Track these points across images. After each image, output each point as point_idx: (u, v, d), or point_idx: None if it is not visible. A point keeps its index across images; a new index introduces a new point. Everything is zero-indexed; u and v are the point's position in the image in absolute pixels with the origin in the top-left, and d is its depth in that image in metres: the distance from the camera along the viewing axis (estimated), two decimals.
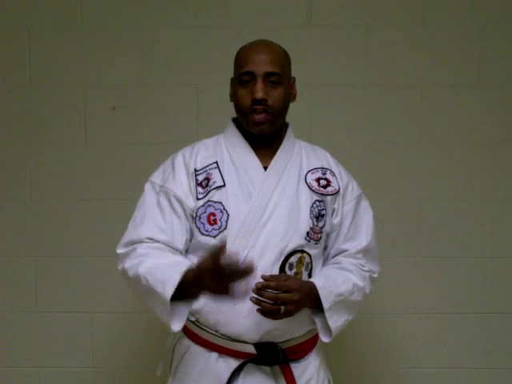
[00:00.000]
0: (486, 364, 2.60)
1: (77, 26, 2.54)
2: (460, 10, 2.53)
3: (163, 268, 1.62)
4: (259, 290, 1.57)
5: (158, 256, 1.67)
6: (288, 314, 1.61)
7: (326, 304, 1.67)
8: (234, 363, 1.70)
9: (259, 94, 1.68)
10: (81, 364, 2.61)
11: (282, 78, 1.72)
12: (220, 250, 1.47)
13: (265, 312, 1.60)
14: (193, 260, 1.70)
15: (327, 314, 1.68)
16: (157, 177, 1.80)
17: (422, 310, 2.59)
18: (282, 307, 1.59)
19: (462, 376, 2.60)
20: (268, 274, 1.63)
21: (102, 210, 2.57)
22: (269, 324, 1.66)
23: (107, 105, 2.55)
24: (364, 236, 1.83)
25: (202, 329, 1.73)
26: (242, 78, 1.72)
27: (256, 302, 1.58)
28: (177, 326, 1.61)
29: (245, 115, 1.73)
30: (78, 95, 2.55)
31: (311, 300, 1.67)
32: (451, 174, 2.56)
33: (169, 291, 1.57)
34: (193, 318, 1.74)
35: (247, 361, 1.70)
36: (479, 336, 2.60)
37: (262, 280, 1.58)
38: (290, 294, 1.59)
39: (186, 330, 1.77)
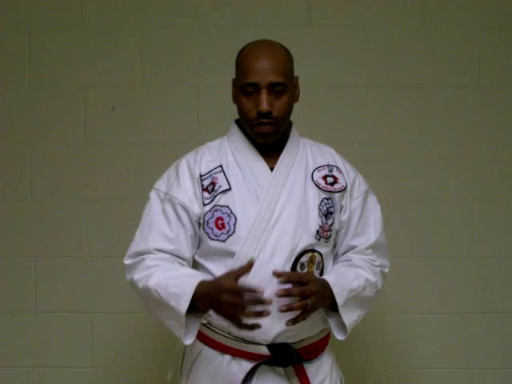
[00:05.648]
0: (486, 364, 2.60)
1: (77, 27, 2.54)
2: (460, 10, 2.53)
3: (175, 281, 1.62)
4: (280, 296, 1.58)
5: (168, 268, 1.67)
6: (314, 307, 1.60)
7: (339, 300, 1.66)
8: (247, 365, 1.69)
9: (264, 107, 1.66)
10: (81, 364, 2.61)
11: (286, 86, 1.69)
12: (245, 270, 1.53)
13: (295, 316, 1.61)
14: (205, 265, 1.72)
15: (341, 310, 1.67)
16: (161, 184, 1.78)
17: (421, 309, 2.58)
18: (309, 300, 1.58)
19: (461, 376, 2.60)
20: None
21: (101, 209, 2.57)
22: (281, 325, 1.65)
23: (107, 105, 2.55)
24: (373, 231, 1.82)
25: (215, 331, 1.71)
26: (245, 89, 1.69)
27: (287, 309, 1.58)
28: (189, 339, 1.62)
29: (250, 126, 1.72)
30: (78, 95, 2.55)
31: (327, 296, 1.65)
32: (451, 174, 2.56)
33: (183, 305, 1.57)
34: (205, 321, 1.72)
35: (261, 362, 1.69)
36: (479, 336, 2.59)
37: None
38: (307, 285, 1.59)
39: (197, 333, 1.73)
